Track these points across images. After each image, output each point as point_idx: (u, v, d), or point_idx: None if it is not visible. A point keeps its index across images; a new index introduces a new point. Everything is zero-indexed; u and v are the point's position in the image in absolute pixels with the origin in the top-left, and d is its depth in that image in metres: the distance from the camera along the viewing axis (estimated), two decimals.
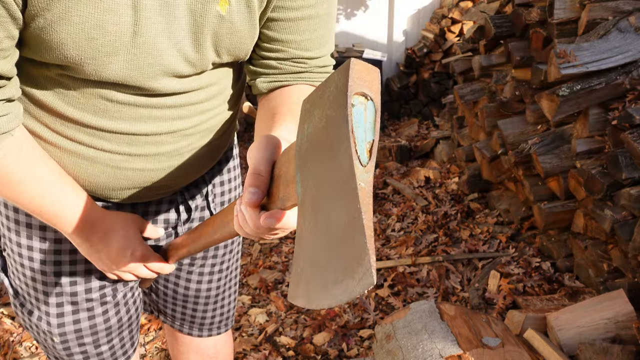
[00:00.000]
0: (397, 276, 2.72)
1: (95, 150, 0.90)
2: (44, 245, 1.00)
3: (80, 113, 0.85)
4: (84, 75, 0.79)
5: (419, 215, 3.32)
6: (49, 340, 1.08)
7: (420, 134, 5.30)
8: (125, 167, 0.93)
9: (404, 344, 1.76)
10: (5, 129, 0.78)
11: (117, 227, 0.95)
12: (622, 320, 1.89)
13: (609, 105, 2.37)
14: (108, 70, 0.78)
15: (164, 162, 0.95)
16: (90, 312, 1.07)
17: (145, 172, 0.95)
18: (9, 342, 2.25)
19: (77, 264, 1.03)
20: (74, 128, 0.87)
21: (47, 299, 1.04)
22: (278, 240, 3.26)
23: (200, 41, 0.82)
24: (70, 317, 1.06)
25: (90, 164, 0.91)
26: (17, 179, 0.82)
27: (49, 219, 0.89)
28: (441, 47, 5.56)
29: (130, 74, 0.80)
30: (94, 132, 0.88)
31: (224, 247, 1.25)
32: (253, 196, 0.66)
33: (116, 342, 1.13)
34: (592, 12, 2.47)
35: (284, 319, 2.48)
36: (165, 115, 0.90)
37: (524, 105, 2.91)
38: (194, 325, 1.32)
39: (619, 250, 2.19)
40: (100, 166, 0.91)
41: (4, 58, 0.74)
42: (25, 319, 1.09)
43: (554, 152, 2.58)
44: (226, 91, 0.98)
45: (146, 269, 1.01)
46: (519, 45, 2.95)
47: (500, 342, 1.66)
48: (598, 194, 2.21)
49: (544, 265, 2.61)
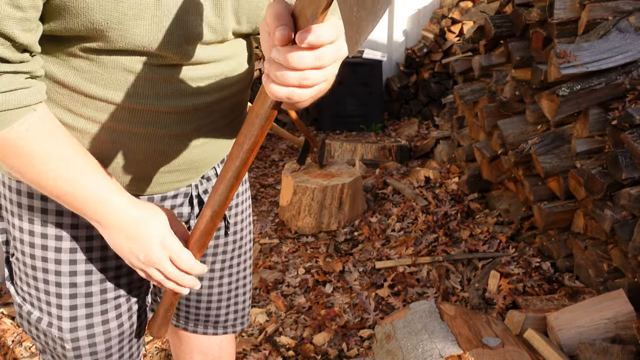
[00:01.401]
0: (397, 276, 2.72)
1: (118, 133, 0.89)
2: (59, 232, 0.97)
3: (104, 90, 0.85)
4: (108, 44, 0.80)
5: (419, 215, 3.32)
6: (58, 349, 1.03)
7: (420, 134, 5.30)
8: (147, 149, 0.92)
9: (404, 344, 1.76)
10: (27, 102, 0.77)
11: (152, 214, 0.90)
12: (622, 320, 1.89)
13: (609, 105, 2.37)
14: (133, 35, 0.79)
15: (186, 142, 0.95)
16: (104, 316, 1.04)
17: (168, 155, 0.95)
18: (8, 343, 2.25)
19: (92, 262, 1.01)
20: (97, 108, 0.87)
21: (59, 302, 1.01)
22: (278, 240, 3.27)
23: (222, 5, 0.85)
24: (83, 322, 1.02)
25: (112, 148, 0.90)
26: (41, 157, 0.80)
27: (77, 204, 0.85)
28: (441, 47, 5.56)
29: (155, 38, 0.81)
30: (117, 111, 0.87)
31: (233, 242, 1.24)
32: (283, 31, 0.63)
33: (125, 350, 1.11)
34: (592, 12, 2.47)
35: (284, 319, 2.48)
36: (188, 90, 0.90)
37: (524, 105, 2.91)
38: (208, 324, 1.29)
39: (619, 250, 2.19)
40: (121, 148, 0.91)
41: (29, 31, 0.74)
42: (32, 328, 1.06)
43: (554, 152, 2.58)
44: (241, 68, 0.99)
45: (174, 267, 0.93)
46: (519, 45, 2.95)
47: (500, 342, 1.66)
48: (598, 194, 2.21)
49: (544, 265, 2.61)
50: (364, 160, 4.55)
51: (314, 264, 2.96)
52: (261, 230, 3.41)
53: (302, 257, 3.05)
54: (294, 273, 2.88)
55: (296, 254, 3.10)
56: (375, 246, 3.07)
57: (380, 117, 5.75)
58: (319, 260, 2.99)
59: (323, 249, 3.14)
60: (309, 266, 2.94)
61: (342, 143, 4.69)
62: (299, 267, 2.93)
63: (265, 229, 3.42)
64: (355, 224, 3.36)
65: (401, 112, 6.03)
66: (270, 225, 3.48)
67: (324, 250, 3.14)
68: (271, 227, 3.46)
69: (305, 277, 2.83)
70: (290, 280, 2.80)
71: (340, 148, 4.67)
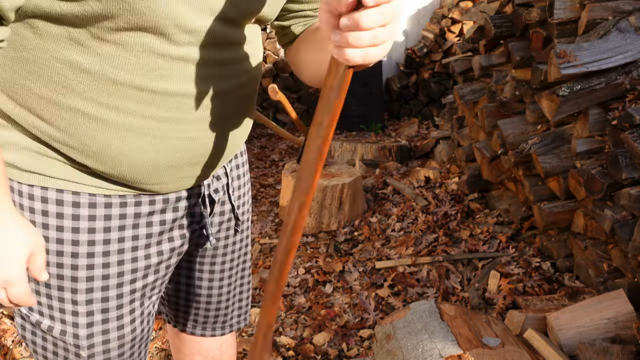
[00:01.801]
0: (397, 276, 2.72)
1: (143, 119, 0.89)
2: (76, 237, 0.96)
3: (131, 75, 0.85)
4: (136, 18, 0.80)
5: (419, 215, 3.32)
6: (71, 357, 1.01)
7: (420, 134, 5.30)
8: (172, 137, 0.92)
9: (404, 344, 1.76)
10: None
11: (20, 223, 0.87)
12: (622, 320, 1.89)
13: (609, 105, 2.37)
14: (162, 6, 0.80)
15: (208, 129, 0.96)
16: (119, 322, 1.03)
17: (190, 142, 0.95)
18: (8, 343, 2.25)
19: (109, 266, 1.00)
20: (122, 96, 0.86)
21: (75, 308, 0.98)
22: (278, 240, 3.26)
23: None
24: (99, 327, 1.01)
25: (136, 137, 0.90)
26: None
27: None
28: (441, 47, 5.56)
29: (181, 9, 0.82)
30: (143, 96, 0.87)
31: (240, 241, 1.25)
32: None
33: (135, 356, 1.10)
34: (592, 12, 2.47)
35: (284, 319, 2.48)
36: (211, 74, 0.91)
37: (524, 105, 2.91)
38: (207, 325, 1.30)
39: (619, 250, 2.19)
40: (147, 138, 0.90)
41: None
42: (37, 339, 1.02)
43: (554, 152, 2.58)
44: (257, 54, 1.02)
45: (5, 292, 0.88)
46: (519, 45, 2.94)
47: (500, 342, 1.66)
48: (598, 194, 2.21)
49: (544, 265, 2.61)
50: (364, 160, 4.55)
51: (314, 264, 2.96)
52: (261, 230, 3.41)
53: (302, 257, 3.05)
54: (294, 273, 2.88)
55: (296, 254, 3.10)
56: (375, 246, 3.07)
57: (380, 117, 5.75)
58: (319, 260, 2.99)
59: (323, 249, 3.14)
60: (309, 266, 2.94)
61: (342, 143, 4.69)
62: (299, 267, 2.93)
63: (265, 229, 3.42)
64: (355, 224, 3.36)
65: (401, 112, 6.03)
66: (270, 225, 3.48)
67: (324, 250, 3.14)
68: (271, 227, 3.46)
69: (305, 277, 2.83)
70: (290, 280, 2.80)
71: (340, 148, 4.67)
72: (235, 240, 1.23)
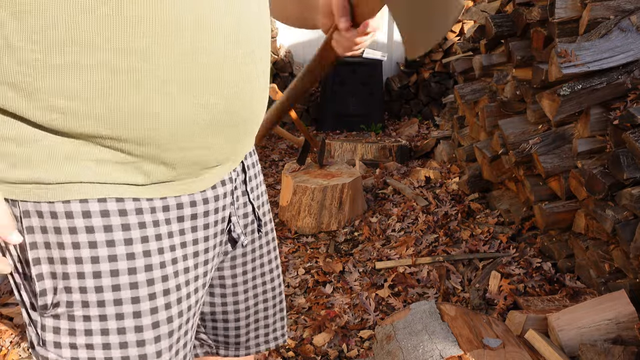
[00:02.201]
0: (398, 276, 2.71)
1: (182, 57, 0.74)
2: (112, 252, 0.79)
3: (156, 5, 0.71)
4: None
5: (419, 215, 3.31)
6: None
7: (421, 133, 5.29)
8: (210, 79, 0.77)
9: (404, 345, 1.75)
10: None
11: None
12: (623, 321, 1.88)
13: (611, 104, 2.36)
14: None
15: (246, 79, 0.82)
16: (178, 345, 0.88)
17: (229, 95, 0.80)
18: (6, 344, 2.25)
19: (168, 280, 0.85)
20: (152, 34, 0.71)
21: (141, 336, 0.81)
22: (278, 240, 3.25)
23: None
24: (167, 355, 0.86)
25: (174, 85, 0.74)
26: None
27: None
28: (441, 47, 5.55)
29: None
30: (171, 31, 0.72)
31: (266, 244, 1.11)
32: (346, 23, 0.93)
33: None
34: (594, 12, 2.46)
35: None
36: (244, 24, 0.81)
37: (525, 105, 2.90)
38: (239, 345, 1.15)
39: (620, 251, 2.19)
40: (182, 83, 0.75)
41: None
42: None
43: (555, 152, 2.57)
44: (266, 16, 0.90)
45: None
46: (520, 44, 2.94)
47: (501, 342, 1.65)
48: (599, 194, 2.20)
49: (544, 266, 2.60)
50: (364, 160, 4.54)
51: (313, 264, 2.95)
52: None
53: (302, 257, 3.05)
54: (293, 273, 2.87)
55: (296, 254, 3.09)
56: (376, 246, 3.06)
57: (380, 117, 5.74)
58: (319, 261, 2.98)
59: (323, 249, 3.13)
60: (308, 266, 2.93)
61: (342, 143, 4.69)
62: (299, 267, 2.92)
63: None
64: (355, 224, 3.36)
65: (401, 112, 6.02)
66: None
67: (324, 250, 3.13)
68: None
69: (305, 277, 2.82)
70: (290, 280, 2.79)
71: (340, 148, 4.66)
72: (261, 243, 1.10)
